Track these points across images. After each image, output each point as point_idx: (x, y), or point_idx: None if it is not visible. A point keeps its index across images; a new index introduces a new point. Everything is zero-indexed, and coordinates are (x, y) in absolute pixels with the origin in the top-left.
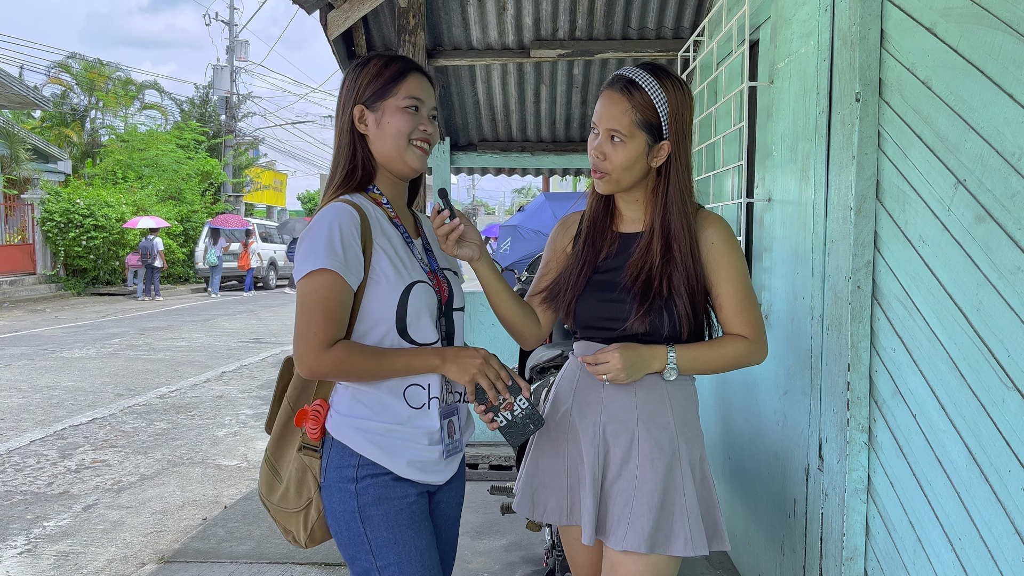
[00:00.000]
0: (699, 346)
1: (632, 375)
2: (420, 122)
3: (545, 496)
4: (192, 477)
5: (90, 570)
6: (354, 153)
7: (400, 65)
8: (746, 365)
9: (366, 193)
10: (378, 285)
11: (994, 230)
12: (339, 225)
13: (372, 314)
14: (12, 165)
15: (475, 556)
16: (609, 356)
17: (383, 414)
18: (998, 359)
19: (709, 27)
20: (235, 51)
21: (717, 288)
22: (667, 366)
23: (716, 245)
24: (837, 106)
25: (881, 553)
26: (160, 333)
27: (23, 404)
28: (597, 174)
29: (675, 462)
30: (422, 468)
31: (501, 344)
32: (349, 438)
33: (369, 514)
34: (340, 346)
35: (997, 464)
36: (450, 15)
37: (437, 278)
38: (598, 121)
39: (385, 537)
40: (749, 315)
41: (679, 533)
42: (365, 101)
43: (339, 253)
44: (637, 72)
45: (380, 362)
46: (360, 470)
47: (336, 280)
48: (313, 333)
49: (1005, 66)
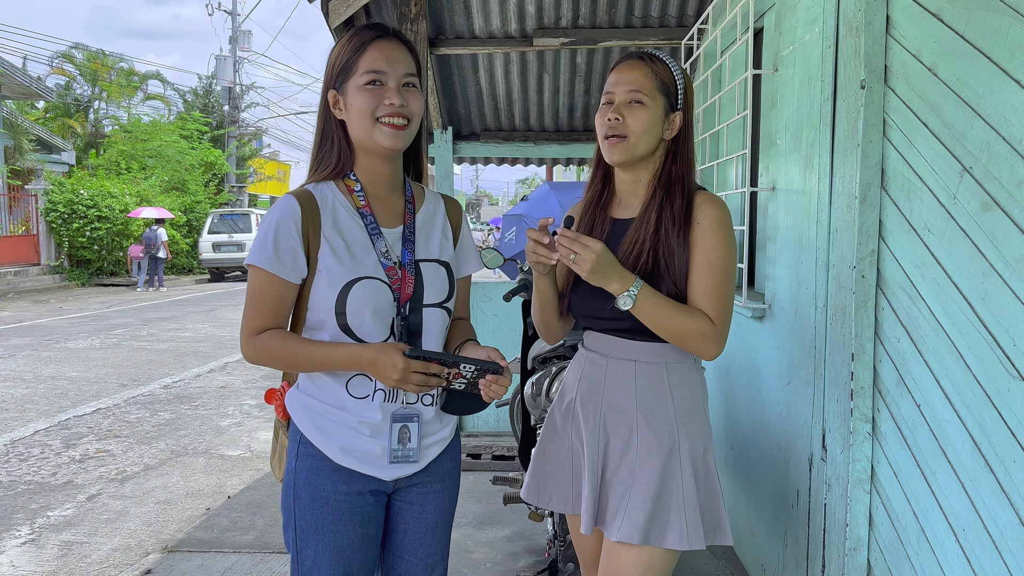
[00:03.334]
0: (667, 300)
1: (595, 273)
2: (385, 96)
3: (551, 485)
4: (196, 467)
5: (94, 560)
6: (331, 140)
7: (359, 38)
8: (697, 346)
9: (341, 180)
10: (320, 278)
11: (1000, 218)
12: (277, 222)
13: (317, 307)
14: (16, 156)
15: (477, 546)
16: (591, 243)
17: (327, 395)
18: (1003, 348)
19: (713, 15)
20: (238, 41)
21: (692, 267)
22: (626, 292)
23: (701, 225)
24: (842, 94)
25: (884, 544)
26: (164, 324)
27: (27, 394)
28: (612, 139)
29: (674, 454)
30: (359, 458)
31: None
32: (295, 413)
33: (299, 494)
34: (266, 335)
35: (1002, 454)
36: (452, 3)
37: (403, 272)
38: (615, 87)
39: (309, 522)
40: (718, 301)
41: (675, 526)
42: (335, 84)
43: (269, 250)
44: (649, 50)
45: (297, 354)
46: (301, 447)
47: (265, 275)
48: (246, 319)
49: (1012, 52)
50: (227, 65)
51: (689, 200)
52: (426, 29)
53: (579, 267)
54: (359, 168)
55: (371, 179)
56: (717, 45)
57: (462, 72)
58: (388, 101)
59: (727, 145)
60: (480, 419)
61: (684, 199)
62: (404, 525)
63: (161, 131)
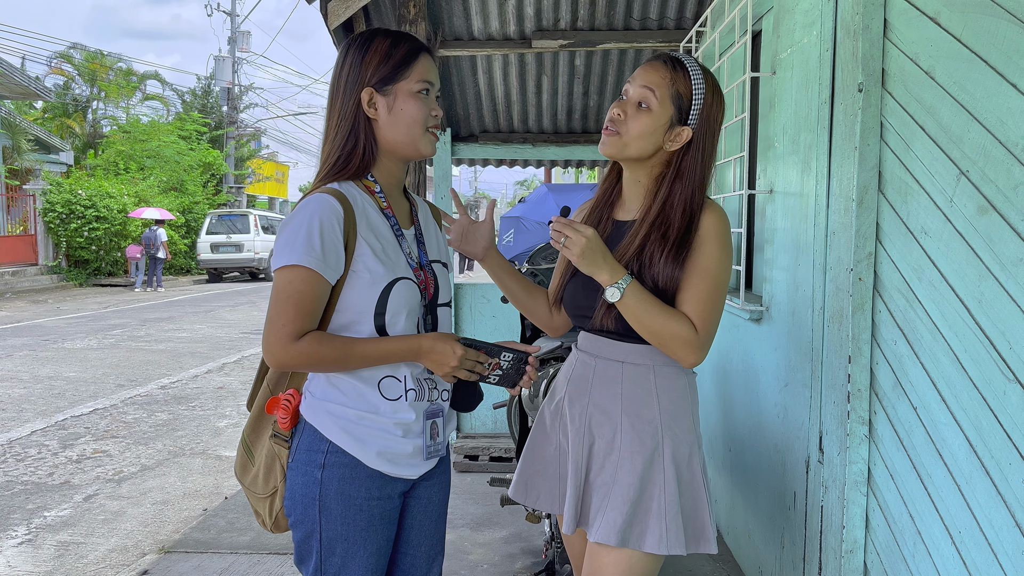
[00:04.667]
0: (656, 300)
1: (584, 260)
2: (432, 107)
3: (539, 483)
4: (193, 468)
5: (90, 560)
6: (357, 139)
7: (409, 45)
8: (678, 351)
9: (360, 180)
10: (360, 279)
11: (997, 222)
12: (320, 220)
13: (351, 308)
14: (14, 156)
15: (475, 547)
16: (584, 229)
17: (357, 401)
18: (999, 351)
19: (711, 17)
20: (237, 42)
21: (684, 272)
22: (615, 284)
23: (698, 232)
24: (839, 97)
25: (881, 546)
26: (162, 324)
27: (25, 394)
28: (607, 132)
29: (656, 457)
30: (392, 460)
31: (501, 337)
32: (321, 422)
33: (328, 505)
34: (309, 337)
35: (998, 457)
36: (451, 5)
37: (425, 273)
38: (633, 82)
39: (338, 532)
40: (704, 309)
41: (654, 529)
42: (375, 84)
43: (317, 250)
44: (683, 56)
45: (350, 352)
46: (329, 456)
47: (312, 276)
48: (283, 324)
49: (1009, 56)
50: (226, 66)
51: (690, 223)
52: (425, 30)
53: (569, 251)
54: (379, 169)
55: (389, 181)
56: (715, 48)
57: (461, 74)
58: (435, 112)
59: (725, 147)
60: (478, 420)
61: (689, 214)
62: (411, 520)
63: (160, 131)
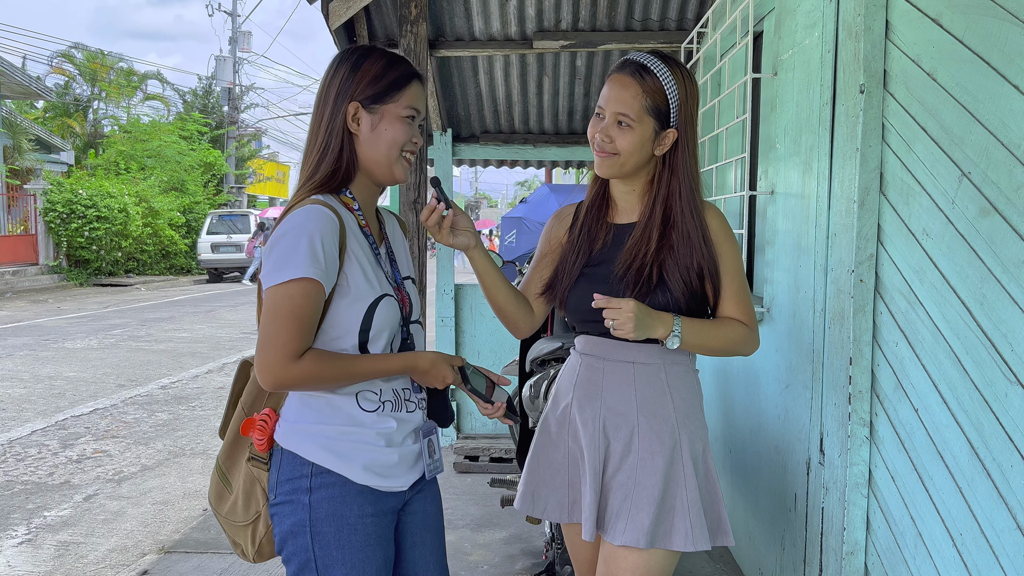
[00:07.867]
0: (703, 321)
1: (638, 330)
2: (413, 133)
3: (546, 493)
4: (193, 468)
5: (90, 560)
6: (332, 151)
7: (403, 69)
8: (741, 351)
9: (338, 196)
10: (346, 296)
11: (999, 223)
12: (320, 231)
13: (338, 325)
14: (15, 155)
15: (475, 548)
16: (623, 304)
17: (335, 417)
18: (1001, 353)
19: (713, 18)
20: (238, 42)
21: (717, 276)
22: (672, 333)
23: (716, 235)
24: (841, 98)
25: (882, 548)
26: (162, 324)
27: (25, 394)
28: (602, 154)
29: (676, 455)
30: (380, 473)
31: (501, 337)
32: (299, 446)
33: (320, 530)
34: (310, 355)
35: (999, 459)
36: (452, 5)
37: (400, 291)
38: (605, 105)
39: (334, 556)
40: (746, 304)
41: (680, 527)
42: (362, 100)
43: (321, 262)
44: (648, 58)
45: (351, 370)
46: (314, 479)
47: (314, 288)
48: (283, 343)
49: (1011, 57)
50: (227, 66)
51: (699, 208)
52: (426, 31)
53: (622, 331)
54: (356, 186)
55: (365, 198)
56: (717, 49)
57: (462, 74)
58: (415, 139)
59: (726, 148)
60: (478, 421)
61: (694, 209)
62: (413, 539)
63: (160, 131)
